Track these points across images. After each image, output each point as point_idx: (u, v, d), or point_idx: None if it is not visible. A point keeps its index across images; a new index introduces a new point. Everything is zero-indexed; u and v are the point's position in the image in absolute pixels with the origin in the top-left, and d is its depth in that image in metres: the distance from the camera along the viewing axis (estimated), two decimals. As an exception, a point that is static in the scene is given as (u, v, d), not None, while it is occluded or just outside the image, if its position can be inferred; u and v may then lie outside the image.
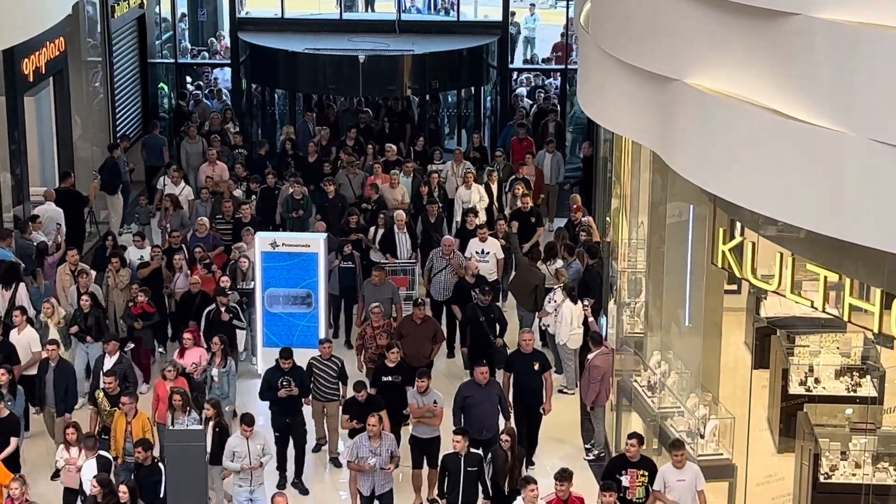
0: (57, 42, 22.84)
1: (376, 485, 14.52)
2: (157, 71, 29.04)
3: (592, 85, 15.60)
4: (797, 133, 11.07)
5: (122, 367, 16.39)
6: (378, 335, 17.21)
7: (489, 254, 19.67)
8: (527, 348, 16.61)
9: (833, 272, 12.83)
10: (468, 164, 23.32)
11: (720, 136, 12.06)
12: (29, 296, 18.53)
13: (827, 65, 10.83)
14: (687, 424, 15.26)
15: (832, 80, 10.81)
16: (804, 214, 11.39)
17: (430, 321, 18.09)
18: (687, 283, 16.12)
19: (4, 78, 21.09)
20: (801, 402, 16.11)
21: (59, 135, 23.85)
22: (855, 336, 16.44)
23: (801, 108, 11.08)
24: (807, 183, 11.13)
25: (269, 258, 19.17)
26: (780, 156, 11.30)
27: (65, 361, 16.62)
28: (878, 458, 14.79)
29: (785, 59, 11.22)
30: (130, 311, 18.39)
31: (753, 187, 11.86)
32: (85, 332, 17.59)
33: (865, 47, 10.49)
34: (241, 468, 14.49)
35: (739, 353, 17.59)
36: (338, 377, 16.70)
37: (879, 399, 16.27)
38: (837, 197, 10.92)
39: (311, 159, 23.79)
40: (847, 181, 10.78)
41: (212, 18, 31.48)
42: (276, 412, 16.11)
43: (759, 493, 15.20)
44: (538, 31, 31.12)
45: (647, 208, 17.25)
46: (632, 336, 17.61)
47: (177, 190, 22.30)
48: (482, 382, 15.59)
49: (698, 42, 12.31)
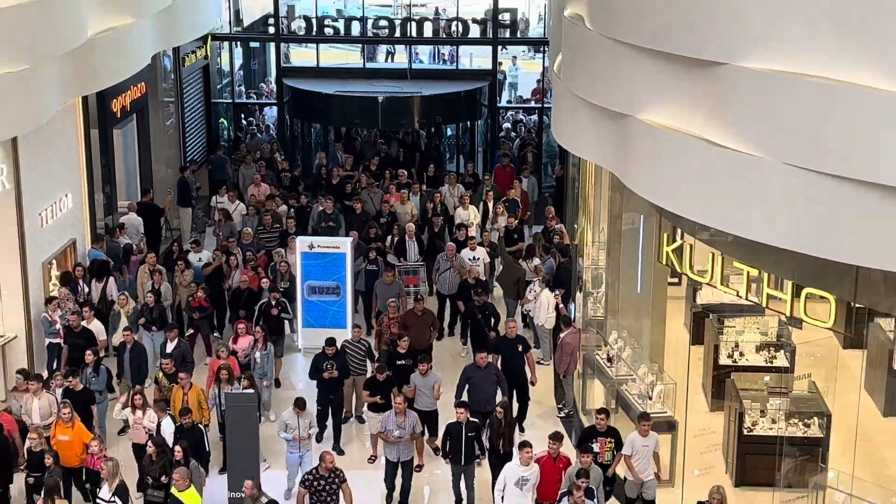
0: (139, 86, 22.90)
1: (401, 453, 14.48)
2: (219, 109, 29.06)
3: (563, 119, 15.58)
4: (726, 158, 11.06)
5: (181, 351, 16.40)
6: (392, 324, 17.22)
7: (478, 259, 19.70)
8: (511, 334, 16.61)
9: (754, 268, 12.84)
10: (462, 188, 23.28)
11: (666, 160, 12.06)
12: (117, 288, 18.56)
13: (748, 103, 10.85)
14: (638, 389, 15.28)
15: (753, 116, 10.83)
16: (731, 222, 11.40)
17: (428, 312, 17.97)
18: (638, 276, 16.12)
19: (98, 114, 21.12)
20: (728, 371, 16.15)
21: (141, 159, 23.90)
22: (771, 319, 16.44)
23: (728, 138, 11.07)
24: (734, 197, 11.14)
25: (307, 257, 19.17)
26: (713, 176, 11.30)
27: (138, 343, 16.62)
28: (789, 416, 14.81)
29: (716, 98, 11.22)
30: (190, 304, 18.48)
31: (692, 201, 11.86)
32: (151, 322, 17.55)
33: (778, 89, 10.50)
34: (293, 438, 14.47)
35: (680, 332, 17.69)
36: (365, 355, 16.75)
37: (791, 369, 16.30)
38: (758, 208, 10.93)
39: (334, 181, 23.76)
40: (765, 195, 10.79)
41: (262, 68, 31.49)
42: (321, 390, 16.06)
43: (696, 444, 15.17)
44: (520, 77, 31.07)
45: (606, 218, 17.24)
46: (594, 318, 17.59)
47: (231, 207, 22.31)
48: (482, 366, 15.52)
49: (648, 85, 12.27)
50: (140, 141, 23.80)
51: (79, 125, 19.95)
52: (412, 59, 28.86)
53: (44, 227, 18.23)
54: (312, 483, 13.17)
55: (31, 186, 17.62)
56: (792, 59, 10.36)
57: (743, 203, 11.02)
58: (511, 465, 13.41)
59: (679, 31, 11.49)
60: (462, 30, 27.89)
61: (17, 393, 15.05)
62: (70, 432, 13.96)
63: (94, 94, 20.19)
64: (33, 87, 15.95)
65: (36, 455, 13.67)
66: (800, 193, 10.41)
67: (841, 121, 9.95)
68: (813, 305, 12.33)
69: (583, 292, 18.52)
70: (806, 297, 12.29)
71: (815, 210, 10.35)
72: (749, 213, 11.03)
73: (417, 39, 28.36)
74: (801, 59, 10.30)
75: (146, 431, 14.31)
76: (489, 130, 28.48)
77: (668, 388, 14.94)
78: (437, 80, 28.19)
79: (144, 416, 14.47)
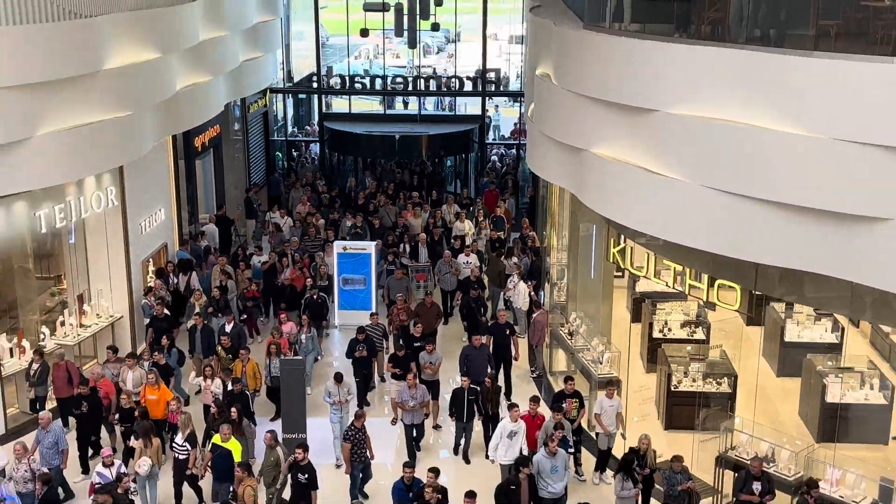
0: (215, 127, 22.87)
1: (415, 418, 14.29)
2: (275, 144, 29.04)
3: (535, 153, 15.61)
4: (657, 181, 11.11)
5: (236, 330, 16.22)
6: (400, 313, 17.07)
7: (470, 262, 19.42)
8: (501, 320, 16.39)
9: (679, 265, 12.89)
10: (457, 207, 23.07)
11: (612, 183, 12.09)
12: (197, 280, 18.52)
13: (674, 140, 10.88)
14: (591, 356, 15.25)
15: (677, 150, 10.86)
16: (662, 230, 11.44)
17: (435, 305, 17.83)
18: (591, 271, 16.12)
19: (183, 148, 21.14)
20: (659, 342, 16.14)
21: (216, 183, 23.88)
22: (692, 303, 16.42)
23: (659, 167, 11.12)
24: (663, 211, 11.17)
25: (342, 257, 19.10)
26: (648, 195, 11.34)
27: (207, 326, 16.34)
28: (706, 377, 14.83)
29: (650, 136, 11.25)
30: (245, 294, 18.21)
31: (632, 214, 11.90)
32: (217, 310, 17.26)
33: (696, 129, 10.55)
34: (335, 402, 14.19)
35: (623, 313, 17.63)
36: (382, 335, 16.59)
37: (707, 341, 16.31)
38: (681, 219, 10.97)
39: (360, 201, 23.71)
40: (687, 210, 10.83)
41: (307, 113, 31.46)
42: (355, 366, 15.80)
43: (635, 398, 15.16)
44: (502, 120, 31.07)
45: (567, 226, 17.26)
46: (558, 303, 17.62)
47: (282, 221, 22.19)
48: (477, 346, 15.30)
49: (598, 127, 12.30)
50: (215, 168, 23.81)
51: (169, 157, 19.98)
52: (421, 107, 28.85)
53: (143, 234, 18.24)
54: (354, 436, 13.00)
55: (134, 203, 17.66)
56: (706, 107, 10.43)
57: (670, 215, 11.07)
58: (504, 421, 13.23)
59: (622, 86, 11.54)
60: (458, 85, 27.84)
61: (110, 364, 14.93)
62: (157, 393, 13.97)
63: (181, 133, 20.22)
64: (135, 129, 15.98)
65: (126, 411, 13.72)
66: (713, 208, 10.47)
67: (743, 153, 10.01)
68: (723, 293, 12.41)
69: (549, 283, 18.58)
70: (718, 287, 12.37)
71: (724, 220, 10.40)
72: (675, 223, 11.08)
73: (425, 92, 28.33)
74: (713, 108, 10.36)
75: (212, 395, 14.16)
76: (479, 161, 28.49)
77: (614, 356, 14.93)
78: (439, 122, 28.16)
79: (212, 383, 14.39)
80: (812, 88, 9.37)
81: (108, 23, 15.04)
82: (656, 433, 14.39)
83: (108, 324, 16.93)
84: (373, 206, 23.22)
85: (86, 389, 13.83)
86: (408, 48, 28.26)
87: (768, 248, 10.11)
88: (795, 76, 9.48)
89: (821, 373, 14.42)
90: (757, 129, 9.82)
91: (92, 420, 13.94)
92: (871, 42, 9.53)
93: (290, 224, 22.26)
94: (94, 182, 16.39)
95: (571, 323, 16.43)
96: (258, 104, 26.90)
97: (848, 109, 9.13)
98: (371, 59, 29.90)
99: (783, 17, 10.78)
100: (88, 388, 13.89)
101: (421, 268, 20.47)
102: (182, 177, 21.06)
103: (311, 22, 27.83)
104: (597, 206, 12.75)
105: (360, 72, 29.19)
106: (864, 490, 11.73)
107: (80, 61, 14.35)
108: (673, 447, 13.11)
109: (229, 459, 12.45)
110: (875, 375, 14.42)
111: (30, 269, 16.67)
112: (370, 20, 27.34)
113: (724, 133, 10.17)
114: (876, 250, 9.29)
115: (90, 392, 13.86)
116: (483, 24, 27.24)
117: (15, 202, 14.90)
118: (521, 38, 27.59)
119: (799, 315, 16.12)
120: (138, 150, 16.39)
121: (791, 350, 15.86)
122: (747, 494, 11.63)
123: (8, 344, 15.29)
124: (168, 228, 19.79)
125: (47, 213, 15.32)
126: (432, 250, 20.97)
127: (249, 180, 26.29)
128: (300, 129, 30.98)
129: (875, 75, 8.95)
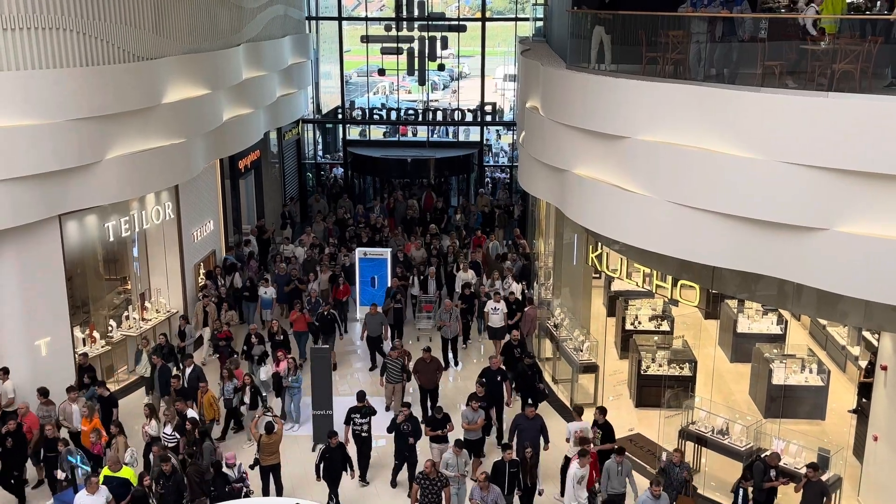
0: (256, 152, 22.88)
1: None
2: (306, 166, 29.08)
3: (525, 173, 15.62)
4: (630, 197, 11.09)
5: (195, 374, 13.73)
6: (397, 355, 14.44)
7: (499, 309, 16.40)
8: (494, 366, 13.67)
9: (647, 267, 12.86)
10: (458, 243, 20.81)
11: (591, 198, 12.05)
12: (241, 281, 18.45)
13: (643, 162, 10.88)
14: (573, 345, 15.22)
15: (645, 170, 10.86)
16: (633, 237, 11.42)
17: (435, 360, 14.24)
18: (573, 273, 16.10)
19: (229, 170, 21.17)
20: (631, 333, 16.10)
21: (256, 199, 23.93)
22: (659, 300, 16.41)
23: (630, 185, 11.11)
24: (634, 222, 11.16)
25: (363, 261, 19.17)
26: (620, 209, 11.32)
27: (165, 366, 14.12)
28: (670, 362, 14.77)
29: (622, 159, 11.24)
30: (216, 335, 15.80)
31: (607, 225, 11.87)
32: (161, 357, 14.34)
33: (661, 153, 10.55)
34: (455, 475, 11.36)
35: (600, 308, 17.63)
36: (401, 369, 14.27)
37: (671, 332, 16.25)
38: (649, 229, 10.96)
39: (372, 223, 22.35)
40: (654, 221, 10.82)
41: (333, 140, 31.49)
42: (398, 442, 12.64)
43: (611, 380, 15.14)
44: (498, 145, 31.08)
45: (553, 235, 17.26)
46: (545, 299, 17.61)
47: (298, 251, 20.63)
48: (530, 416, 12.08)
49: (577, 151, 12.29)
50: (256, 187, 23.86)
51: (217, 177, 19.99)
52: (430, 135, 28.86)
53: (195, 242, 18.24)
54: (422, 482, 10.89)
55: (187, 216, 17.68)
56: (670, 134, 10.41)
57: (640, 226, 11.05)
58: (573, 470, 11.09)
59: (598, 116, 11.53)
60: (461, 116, 27.83)
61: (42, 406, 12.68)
62: (88, 425, 12.22)
63: (227, 157, 20.23)
64: (188, 153, 16.03)
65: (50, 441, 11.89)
66: (676, 219, 10.45)
67: (700, 172, 10.00)
68: (685, 291, 12.39)
69: (538, 283, 18.56)
70: (680, 286, 12.35)
71: (685, 230, 10.38)
72: (643, 232, 11.05)
73: (433, 122, 28.29)
74: (675, 135, 10.35)
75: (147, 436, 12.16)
76: (478, 179, 28.51)
77: (592, 345, 14.90)
78: (445, 147, 28.08)
79: (149, 424, 12.20)
80: (759, 119, 9.39)
81: (166, 64, 15.24)
82: (628, 410, 14.37)
83: (165, 317, 16.92)
84: (379, 237, 21.55)
85: (13, 425, 11.73)
86: (418, 85, 28.32)
87: (723, 253, 10.11)
88: (745, 108, 9.49)
89: (767, 359, 14.37)
90: (712, 153, 9.83)
91: (17, 454, 11.82)
92: (809, 79, 9.54)
93: (303, 253, 20.23)
94: (153, 198, 16.43)
95: (556, 316, 16.38)
96: (292, 133, 26.94)
97: (790, 136, 9.15)
98: (388, 94, 29.87)
99: (735, 59, 10.80)
100: (16, 423, 11.80)
101: (429, 299, 18.57)
102: (228, 194, 21.09)
103: (337, 63, 27.88)
104: (577, 218, 12.73)
105: (377, 105, 29.19)
106: (804, 458, 11.68)
107: (143, 97, 14.45)
108: (643, 422, 13.08)
109: (126, 487, 10.81)
110: (814, 361, 14.38)
111: (100, 272, 16.73)
112: (387, 61, 27.41)
113: (684, 156, 10.17)
114: (815, 256, 9.30)
115: (16, 427, 11.77)
116: (482, 64, 27.32)
117: (87, 215, 14.97)
118: (513, 76, 27.55)
119: (749, 310, 16.08)
120: (191, 172, 16.43)
121: (742, 340, 15.79)
122: (768, 482, 11.02)
123: (82, 335, 15.30)
124: (216, 237, 19.78)
125: (114, 225, 15.39)
126: (440, 280, 19.11)
127: (285, 197, 26.28)
128: (327, 153, 30.97)
129: (813, 107, 8.97)
